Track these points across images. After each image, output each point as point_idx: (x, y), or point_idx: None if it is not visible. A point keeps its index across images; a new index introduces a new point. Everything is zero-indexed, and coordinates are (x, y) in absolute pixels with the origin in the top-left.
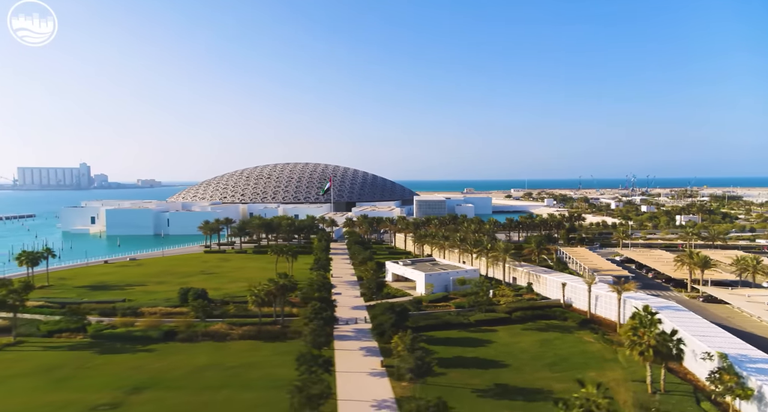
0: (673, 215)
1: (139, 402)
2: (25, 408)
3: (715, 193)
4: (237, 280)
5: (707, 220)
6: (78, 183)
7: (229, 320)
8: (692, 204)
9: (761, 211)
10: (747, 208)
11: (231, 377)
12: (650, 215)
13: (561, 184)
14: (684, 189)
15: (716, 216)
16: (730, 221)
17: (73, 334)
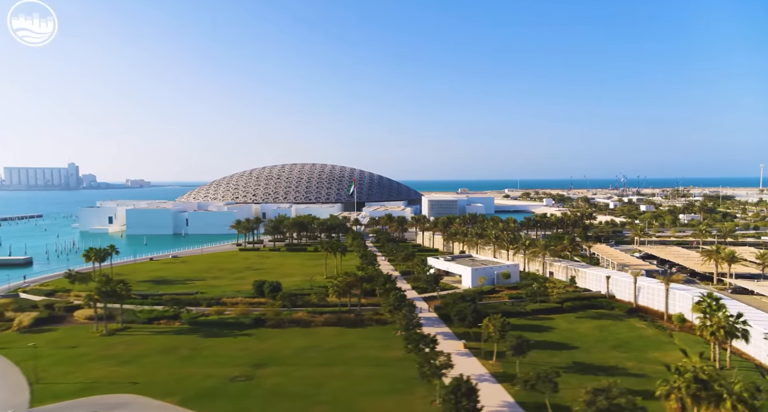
0: (676, 213)
1: (267, 375)
2: (173, 378)
3: (704, 193)
4: (287, 275)
5: (708, 218)
6: (67, 183)
7: (311, 309)
8: (692, 203)
9: (756, 210)
10: (742, 207)
11: (333, 356)
12: (655, 214)
13: (552, 184)
14: (676, 189)
15: (716, 215)
16: (731, 220)
17: (169, 321)
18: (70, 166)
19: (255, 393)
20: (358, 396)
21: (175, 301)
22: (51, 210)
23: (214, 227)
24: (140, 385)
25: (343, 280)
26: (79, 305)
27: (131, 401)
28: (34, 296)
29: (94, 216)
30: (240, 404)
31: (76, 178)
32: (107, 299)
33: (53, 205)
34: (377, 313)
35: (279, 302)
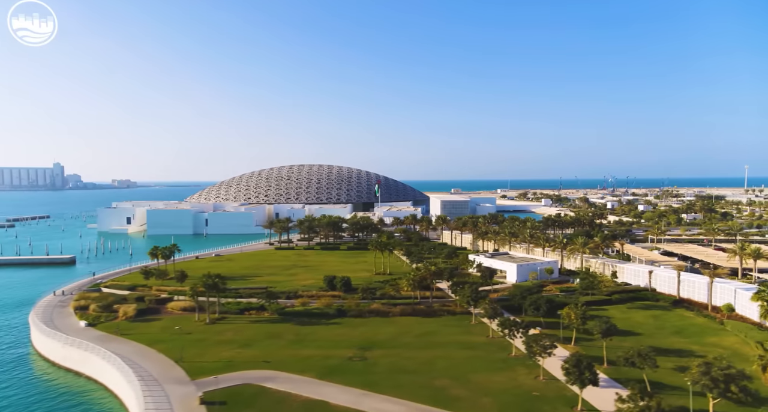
0: (680, 213)
1: (377, 356)
2: (295, 359)
3: (695, 194)
4: (336, 271)
5: (708, 218)
6: (52, 183)
7: (385, 301)
8: (693, 203)
9: (750, 209)
10: (736, 207)
11: (425, 341)
12: (658, 213)
13: (542, 184)
14: (665, 189)
15: (716, 215)
16: (730, 219)
17: (258, 312)
18: (55, 166)
19: (375, 370)
20: (468, 372)
21: (269, 294)
22: (46, 211)
23: (233, 227)
24: (272, 363)
25: (416, 274)
26: (166, 298)
27: (276, 376)
28: (116, 291)
29: (112, 217)
30: (368, 378)
31: (61, 179)
32: (210, 292)
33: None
34: (445, 304)
35: (359, 294)
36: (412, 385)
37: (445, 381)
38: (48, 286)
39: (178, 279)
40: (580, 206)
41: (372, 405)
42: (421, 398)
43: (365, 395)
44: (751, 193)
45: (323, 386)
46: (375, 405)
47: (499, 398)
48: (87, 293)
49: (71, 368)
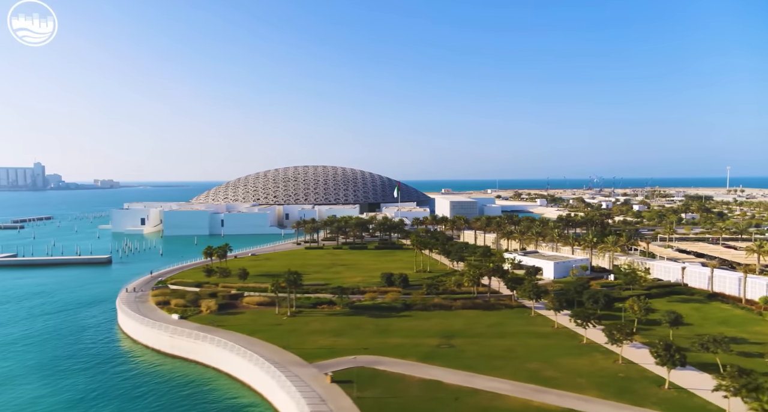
0: (679, 213)
1: (461, 343)
2: (388, 346)
3: (684, 194)
4: (376, 269)
5: (704, 217)
6: (33, 183)
7: (446, 296)
8: (690, 203)
9: (742, 209)
10: (728, 207)
11: (497, 331)
12: (659, 212)
13: (530, 184)
14: (653, 189)
15: (712, 214)
16: (726, 219)
17: (329, 306)
18: (36, 166)
19: (466, 355)
20: (551, 357)
21: (341, 289)
22: (39, 212)
23: (248, 228)
24: (369, 350)
25: (476, 271)
26: (237, 294)
27: (381, 360)
28: (184, 287)
29: (126, 218)
30: (464, 362)
31: (42, 179)
32: (290, 288)
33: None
34: (499, 299)
35: (423, 289)
36: (508, 368)
37: (536, 365)
38: (98, 284)
39: (240, 276)
40: (576, 206)
41: (482, 384)
42: (522, 378)
43: (470, 376)
44: (733, 194)
45: (428, 368)
46: (485, 384)
47: (590, 378)
48: (163, 289)
49: (181, 356)
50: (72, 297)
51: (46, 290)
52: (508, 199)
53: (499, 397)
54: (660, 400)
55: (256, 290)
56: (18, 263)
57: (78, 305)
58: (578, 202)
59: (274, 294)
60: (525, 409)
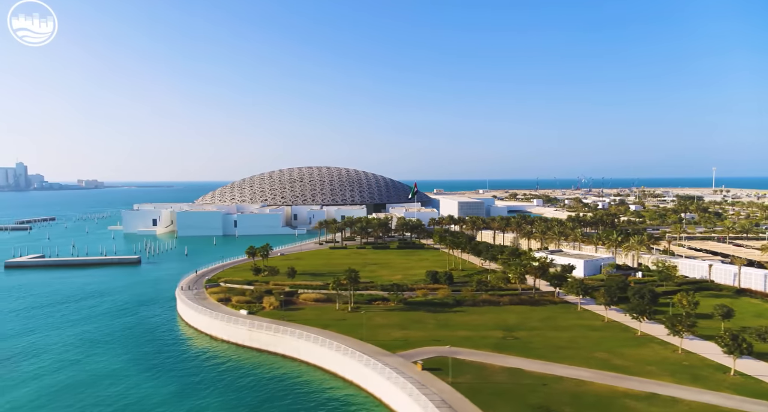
0: (679, 212)
1: (524, 336)
2: (457, 338)
3: (676, 194)
4: (409, 268)
5: (702, 217)
6: (16, 184)
7: (493, 292)
8: (689, 204)
9: (735, 208)
10: (720, 207)
11: (552, 325)
12: (659, 212)
13: (519, 184)
14: (643, 189)
15: (710, 214)
16: (724, 218)
17: (383, 302)
18: (18, 166)
19: (534, 346)
20: (614, 348)
21: (397, 287)
22: (67, 213)
23: (261, 228)
24: (441, 341)
25: (522, 269)
26: (291, 291)
27: (458, 351)
28: (235, 285)
29: (137, 219)
30: (536, 352)
31: (25, 179)
32: (350, 284)
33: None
34: (542, 295)
35: (474, 285)
36: (577, 357)
37: (602, 354)
38: (140, 284)
39: (289, 275)
40: (574, 206)
41: (561, 371)
42: (595, 366)
43: (546, 365)
44: (719, 194)
45: (504, 357)
46: (563, 371)
47: (659, 366)
48: (218, 287)
49: (260, 348)
50: (125, 296)
51: (98, 290)
52: (503, 199)
53: (584, 383)
54: (731, 385)
55: (307, 288)
56: (52, 264)
57: (135, 303)
58: (575, 203)
59: (334, 291)
60: (612, 394)
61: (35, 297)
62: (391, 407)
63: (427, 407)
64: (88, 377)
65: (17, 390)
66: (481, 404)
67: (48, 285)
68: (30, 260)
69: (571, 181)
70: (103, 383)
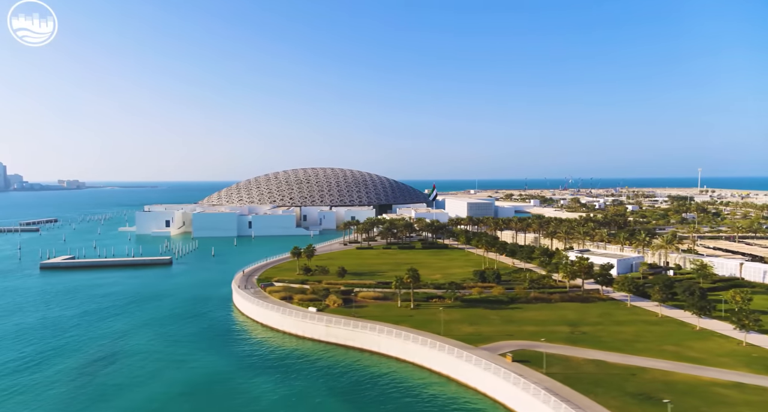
0: (681, 212)
1: (590, 331)
2: (527, 333)
3: (668, 194)
4: (446, 268)
5: (704, 217)
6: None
7: (543, 290)
8: (686, 204)
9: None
10: (715, 207)
11: (611, 320)
12: (661, 212)
13: (507, 184)
14: (633, 189)
15: (709, 214)
16: (724, 218)
17: (438, 300)
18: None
19: (603, 339)
20: (680, 341)
21: (456, 286)
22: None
23: (276, 229)
24: (513, 336)
25: (571, 268)
26: (347, 290)
27: (535, 344)
28: (288, 284)
29: (150, 220)
30: (607, 345)
31: (3, 179)
32: (414, 283)
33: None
34: (588, 292)
35: (526, 283)
36: (650, 350)
37: (671, 347)
38: (184, 284)
39: (339, 274)
40: (572, 206)
41: (641, 362)
42: (671, 358)
43: (625, 357)
44: (705, 194)
45: (582, 350)
46: (643, 363)
47: (731, 358)
48: (275, 286)
49: (338, 343)
50: (180, 297)
51: (149, 291)
52: (498, 200)
53: (668, 373)
54: None
55: (361, 286)
56: (86, 265)
57: (192, 303)
58: (573, 203)
59: (390, 289)
60: (698, 383)
61: (98, 299)
62: (490, 395)
63: (538, 394)
64: (203, 377)
65: (140, 391)
66: (585, 392)
67: (98, 287)
68: (64, 262)
69: (559, 181)
70: (220, 382)
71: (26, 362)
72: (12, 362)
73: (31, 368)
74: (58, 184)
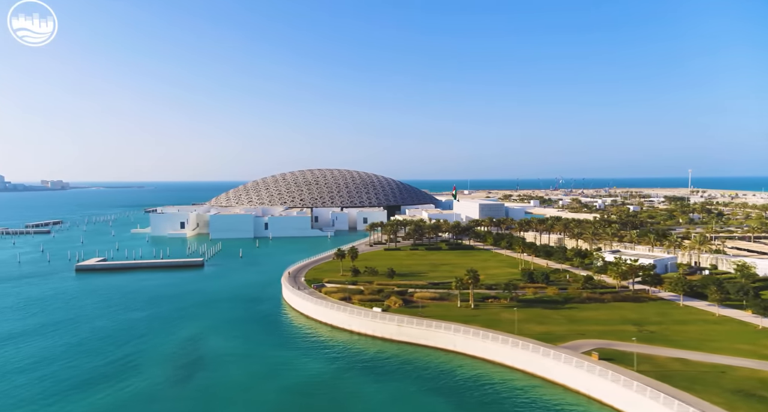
0: (687, 213)
1: (658, 329)
2: (597, 332)
3: (664, 195)
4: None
5: (705, 217)
6: None
7: (593, 290)
8: (688, 204)
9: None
10: (715, 207)
11: (671, 319)
12: (669, 212)
13: (500, 184)
14: (627, 190)
15: (713, 215)
16: (728, 218)
17: (493, 300)
18: None
19: (674, 338)
20: (752, 340)
21: (513, 286)
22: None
23: (292, 230)
24: (585, 335)
25: (622, 269)
26: (401, 291)
27: (609, 343)
28: (340, 285)
29: (165, 222)
30: (681, 344)
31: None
32: (474, 283)
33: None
34: (636, 292)
35: (580, 284)
36: (725, 348)
37: (744, 346)
38: (222, 287)
39: (388, 275)
40: (573, 206)
41: (723, 360)
42: (750, 356)
43: (704, 355)
44: (696, 194)
45: (660, 349)
46: (725, 361)
47: None
48: (328, 287)
49: (410, 342)
50: (233, 299)
51: (205, 293)
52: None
53: (757, 371)
54: None
55: (415, 287)
56: (120, 267)
57: (247, 304)
58: (574, 203)
59: (445, 289)
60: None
61: (155, 301)
62: (584, 393)
63: (643, 391)
64: (306, 378)
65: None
66: (686, 389)
67: (144, 289)
68: (98, 264)
69: (550, 181)
70: (325, 380)
71: (120, 368)
72: (103, 366)
73: (130, 375)
74: (42, 185)
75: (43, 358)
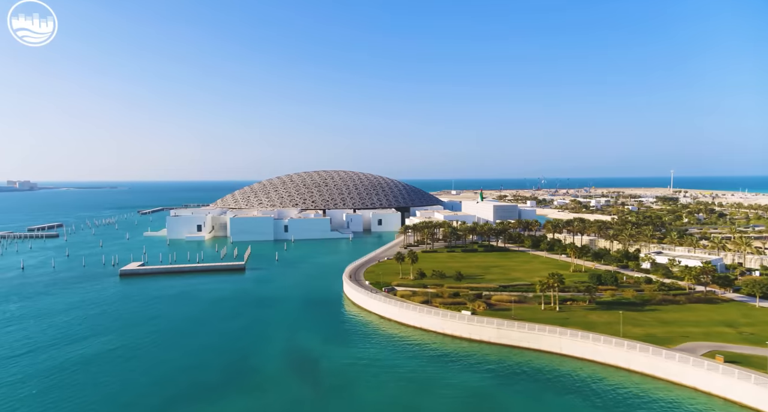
0: (694, 214)
1: (755, 331)
2: (693, 334)
3: (656, 195)
4: (528, 272)
5: (707, 218)
6: None
7: (666, 291)
8: (687, 205)
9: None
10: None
11: (754, 320)
12: (676, 214)
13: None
14: (609, 190)
15: (715, 215)
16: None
17: (572, 302)
18: None
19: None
20: None
21: (590, 289)
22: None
23: (312, 232)
24: (689, 337)
25: (697, 272)
26: (476, 294)
27: (720, 346)
28: (410, 288)
29: (181, 225)
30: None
31: None
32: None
33: None
34: (706, 294)
35: (656, 285)
36: None
37: None
38: (277, 290)
39: (456, 278)
40: (574, 206)
41: None
42: None
43: None
44: (678, 194)
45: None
46: None
47: None
48: (402, 290)
49: (510, 345)
50: (295, 301)
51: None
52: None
53: None
54: None
55: (484, 290)
56: (163, 271)
57: (313, 307)
58: (573, 203)
59: (521, 292)
60: None
61: (218, 304)
62: (721, 395)
63: None
64: (467, 392)
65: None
66: None
67: (203, 292)
68: (141, 268)
69: (532, 181)
70: (491, 393)
71: (237, 376)
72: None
73: (252, 381)
74: (10, 186)
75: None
